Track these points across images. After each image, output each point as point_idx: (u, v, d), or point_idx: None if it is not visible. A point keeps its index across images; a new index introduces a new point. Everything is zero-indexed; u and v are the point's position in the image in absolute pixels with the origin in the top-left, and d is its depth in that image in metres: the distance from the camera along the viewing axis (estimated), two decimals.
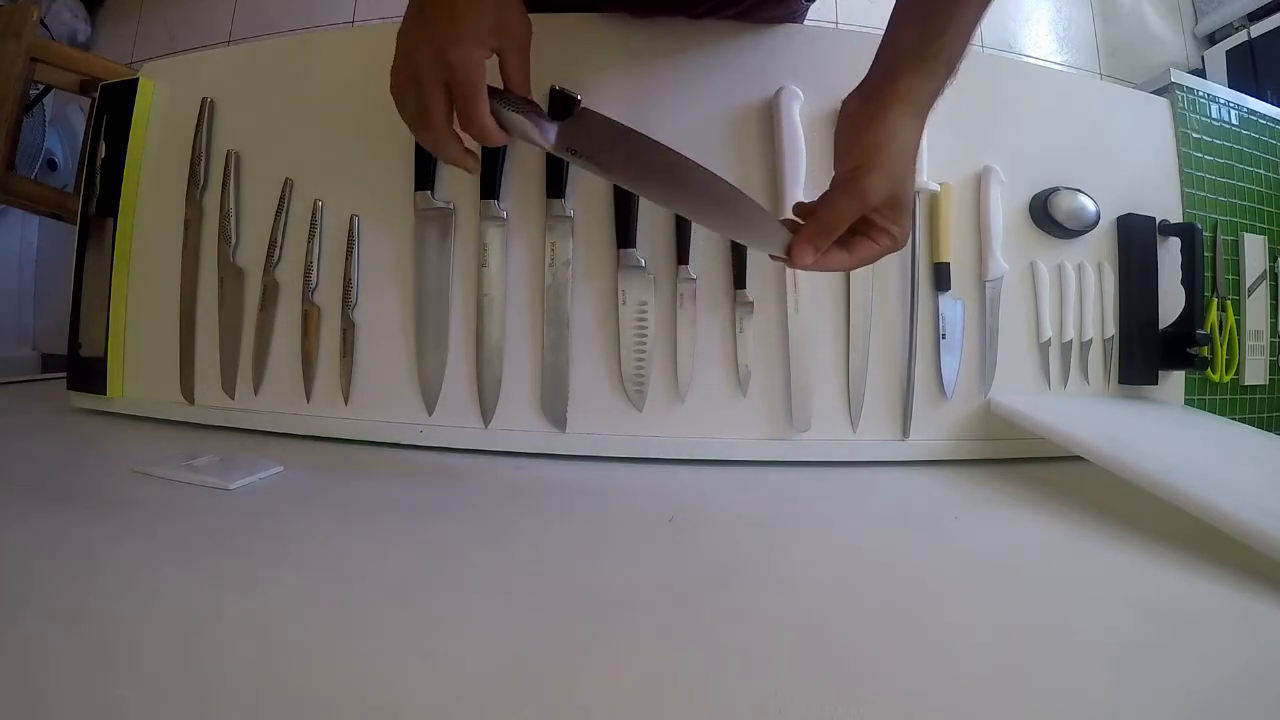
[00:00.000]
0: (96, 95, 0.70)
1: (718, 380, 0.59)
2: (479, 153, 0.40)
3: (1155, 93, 0.74)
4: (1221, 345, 0.74)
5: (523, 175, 0.59)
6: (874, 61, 0.41)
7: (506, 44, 0.39)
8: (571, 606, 0.32)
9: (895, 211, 0.39)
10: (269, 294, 0.62)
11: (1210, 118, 0.75)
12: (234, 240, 0.63)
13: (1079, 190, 0.64)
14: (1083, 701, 0.26)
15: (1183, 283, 0.67)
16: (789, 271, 0.58)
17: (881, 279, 0.60)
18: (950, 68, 0.40)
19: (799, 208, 0.41)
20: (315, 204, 0.61)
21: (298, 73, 0.64)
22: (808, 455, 0.59)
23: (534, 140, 0.38)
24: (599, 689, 0.25)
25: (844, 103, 0.41)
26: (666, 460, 0.58)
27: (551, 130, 0.38)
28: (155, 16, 1.78)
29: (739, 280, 0.58)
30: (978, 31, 0.40)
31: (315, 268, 0.61)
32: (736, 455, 0.58)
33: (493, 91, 0.37)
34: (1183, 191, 0.71)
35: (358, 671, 0.25)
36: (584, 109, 0.39)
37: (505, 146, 0.57)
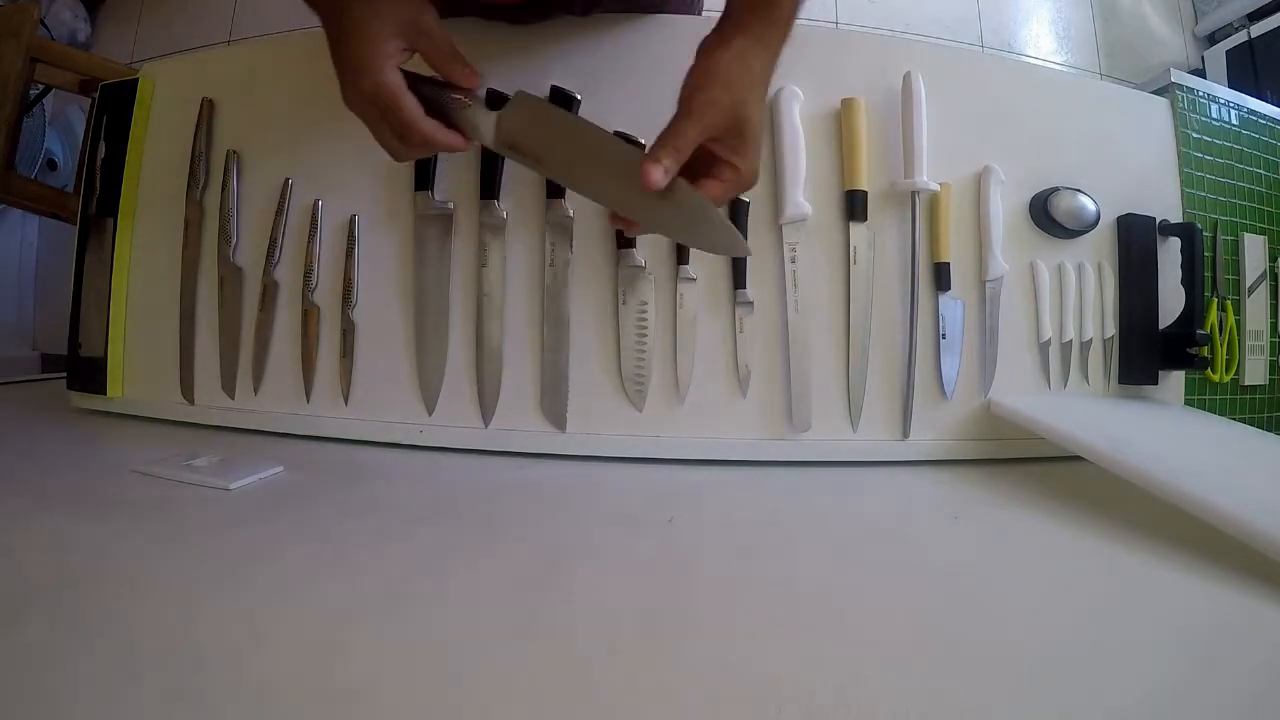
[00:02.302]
0: (96, 95, 0.70)
1: (718, 380, 0.59)
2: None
3: (1155, 93, 0.74)
4: (1221, 345, 0.74)
5: (523, 175, 0.59)
6: (725, 4, 0.42)
7: (416, 36, 0.37)
8: (571, 607, 0.32)
9: (738, 140, 0.38)
10: (269, 294, 0.62)
11: (1210, 118, 0.75)
12: (234, 240, 0.63)
13: (1079, 190, 0.64)
14: (1083, 701, 0.26)
15: (1183, 283, 0.67)
16: (789, 271, 0.58)
17: (881, 279, 0.60)
18: (795, 4, 0.41)
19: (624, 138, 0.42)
20: (315, 204, 0.61)
21: (298, 73, 0.64)
22: (808, 455, 0.59)
23: (476, 135, 0.38)
24: (599, 689, 0.25)
25: (700, 41, 0.41)
26: (666, 460, 0.58)
27: (490, 120, 0.38)
28: (155, 16, 1.78)
29: (739, 280, 0.58)
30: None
31: (315, 268, 0.61)
32: (736, 455, 0.58)
33: (427, 88, 0.37)
34: (1183, 191, 0.71)
35: (358, 671, 0.25)
36: (520, 92, 0.38)
37: None
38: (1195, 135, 0.73)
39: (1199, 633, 0.32)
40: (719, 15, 0.43)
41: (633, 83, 0.58)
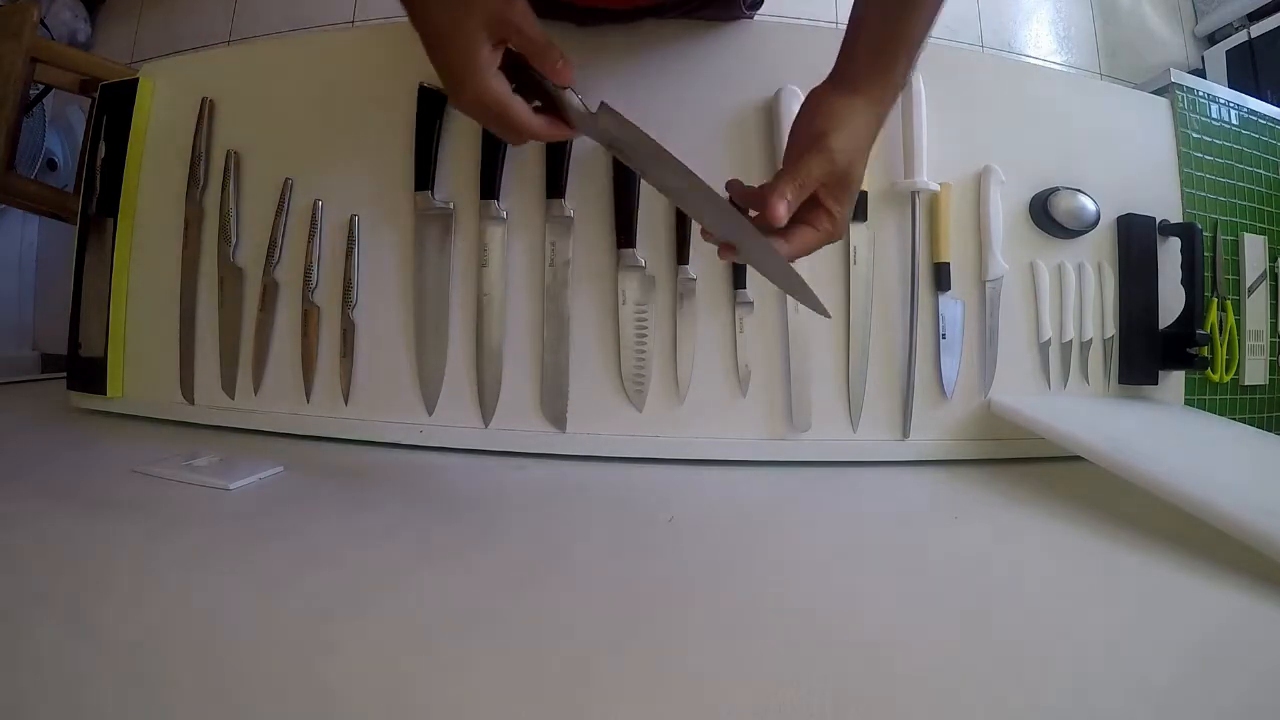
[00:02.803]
0: (96, 95, 0.70)
1: (718, 380, 0.59)
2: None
3: (1155, 93, 0.74)
4: (1221, 345, 0.74)
5: (523, 175, 0.59)
6: (839, 58, 0.42)
7: (508, 31, 0.36)
8: (572, 607, 0.32)
9: (843, 190, 0.39)
10: (269, 294, 0.62)
11: (1210, 118, 0.75)
12: (234, 240, 0.63)
13: (1079, 190, 0.64)
14: (1082, 700, 0.26)
15: (1183, 283, 0.67)
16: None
17: (881, 279, 0.60)
18: (910, 63, 0.41)
19: (734, 186, 0.41)
20: (315, 204, 0.61)
21: (298, 73, 0.64)
22: (808, 455, 0.59)
23: (575, 122, 0.38)
24: (600, 689, 0.25)
25: (810, 91, 0.42)
26: (666, 460, 0.58)
27: (589, 114, 0.38)
28: (155, 16, 1.77)
29: (739, 280, 0.58)
30: (936, 25, 0.41)
31: (315, 268, 0.61)
32: (736, 455, 0.58)
33: (526, 74, 0.36)
34: (1183, 191, 0.71)
35: (357, 671, 0.25)
36: (603, 104, 0.38)
37: (505, 146, 0.57)
38: (1195, 135, 0.73)
39: (1199, 632, 0.32)
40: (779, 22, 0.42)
41: (673, 88, 0.58)
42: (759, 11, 0.62)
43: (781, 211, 0.37)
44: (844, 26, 0.43)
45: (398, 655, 0.27)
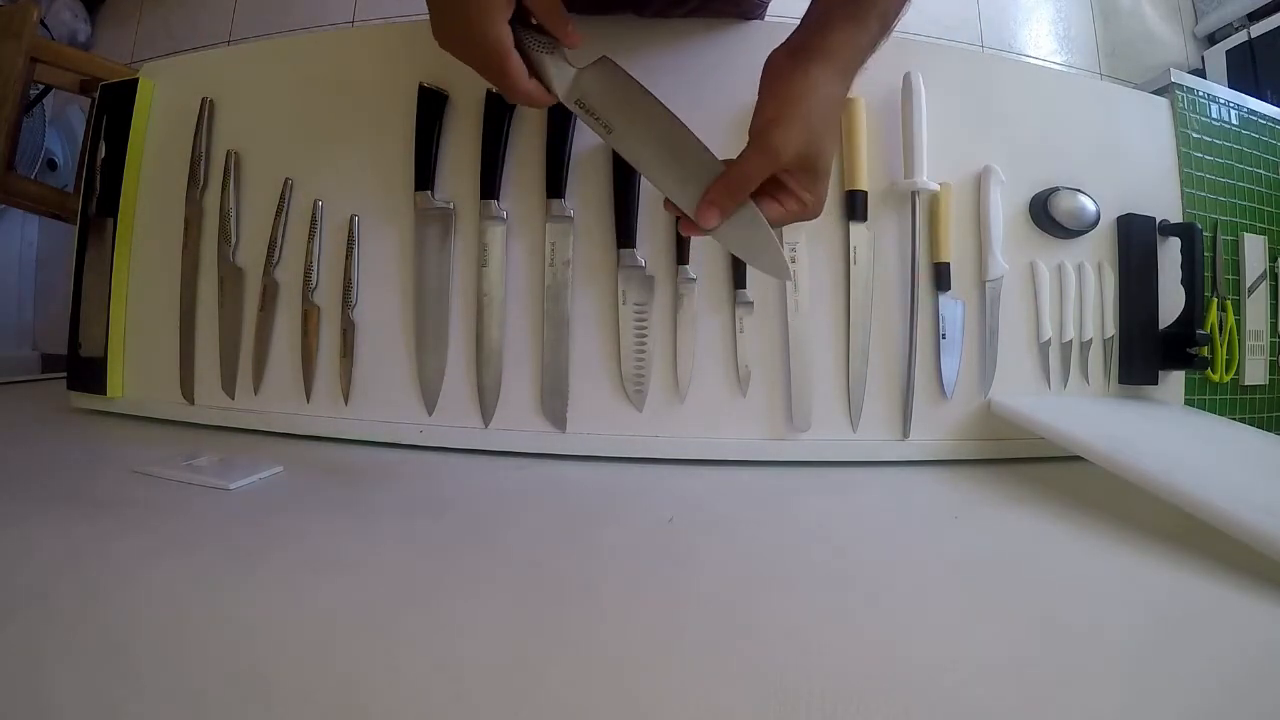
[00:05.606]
0: (96, 95, 0.70)
1: (718, 380, 0.59)
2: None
3: (1155, 93, 0.74)
4: (1221, 345, 0.74)
5: (523, 175, 0.59)
6: (805, 14, 0.39)
7: None
8: (572, 607, 0.32)
9: (808, 175, 0.36)
10: (269, 294, 0.62)
11: (1210, 118, 0.75)
12: (234, 240, 0.63)
13: (1079, 190, 0.64)
14: (1082, 700, 0.26)
15: (1183, 283, 0.67)
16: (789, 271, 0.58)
17: (881, 279, 0.60)
18: (883, 22, 0.38)
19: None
20: (315, 204, 0.61)
21: (298, 73, 0.64)
22: (808, 455, 0.59)
23: (552, 86, 0.37)
24: (600, 689, 0.25)
25: (769, 56, 0.38)
26: (666, 460, 0.58)
27: (568, 74, 0.37)
28: (155, 16, 1.77)
29: (739, 280, 0.58)
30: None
31: (315, 268, 0.61)
32: (736, 455, 0.58)
33: (527, 34, 0.36)
34: (1183, 191, 0.71)
35: (357, 671, 0.25)
36: (605, 57, 0.37)
37: (505, 146, 0.57)
38: (1195, 135, 0.73)
39: (1199, 632, 0.32)
40: (794, 24, 0.39)
41: (689, 86, 0.58)
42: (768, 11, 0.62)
43: (711, 222, 0.35)
44: None
45: (398, 655, 0.27)
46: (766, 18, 0.62)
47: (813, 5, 0.39)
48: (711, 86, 0.59)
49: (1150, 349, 0.67)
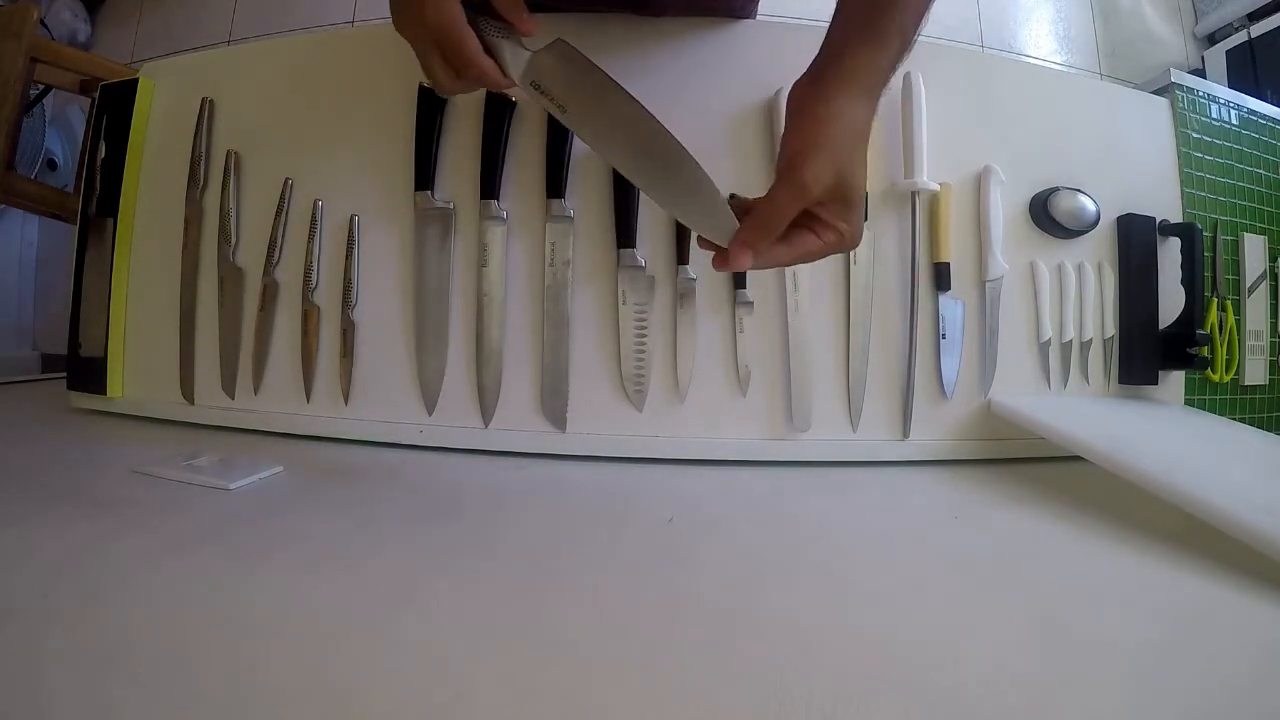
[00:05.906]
0: (96, 95, 0.70)
1: (718, 380, 0.59)
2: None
3: (1155, 93, 0.74)
4: (1221, 345, 0.74)
5: (523, 175, 0.59)
6: (824, 40, 0.38)
7: None
8: (572, 607, 0.32)
9: (842, 206, 0.36)
10: (269, 294, 0.62)
11: (1210, 118, 0.75)
12: (234, 240, 0.63)
13: (1079, 190, 0.64)
14: (1082, 700, 0.26)
15: (1183, 283, 0.67)
16: (789, 271, 0.58)
17: (881, 279, 0.60)
18: (903, 40, 0.37)
19: (734, 202, 0.38)
20: (315, 204, 0.61)
21: (298, 73, 0.64)
22: (808, 455, 0.59)
23: (506, 69, 0.37)
24: (600, 689, 0.25)
25: (792, 87, 0.38)
26: (666, 460, 0.58)
27: (523, 57, 0.37)
28: (155, 16, 1.77)
29: (739, 280, 0.58)
30: (932, 8, 0.38)
31: (315, 268, 0.61)
32: (736, 455, 0.58)
33: (479, 19, 0.36)
34: (1183, 191, 0.71)
35: (357, 672, 0.25)
36: (561, 40, 0.37)
37: (505, 146, 0.57)
38: (1195, 135, 0.73)
39: (1199, 632, 0.32)
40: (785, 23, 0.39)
41: (680, 85, 0.58)
42: (760, 10, 0.62)
43: (744, 263, 0.35)
44: None
45: (397, 655, 0.27)
46: (757, 16, 0.62)
47: (831, 29, 0.39)
48: (703, 85, 0.59)
49: (1150, 349, 0.67)
